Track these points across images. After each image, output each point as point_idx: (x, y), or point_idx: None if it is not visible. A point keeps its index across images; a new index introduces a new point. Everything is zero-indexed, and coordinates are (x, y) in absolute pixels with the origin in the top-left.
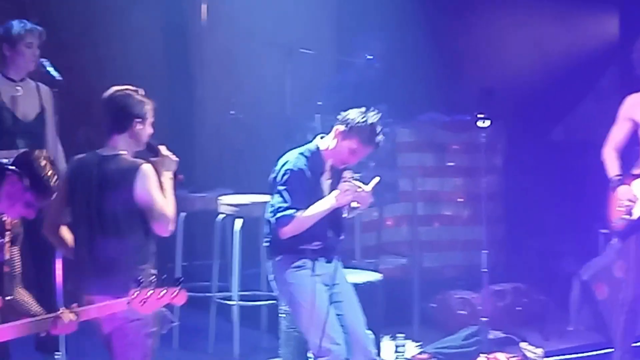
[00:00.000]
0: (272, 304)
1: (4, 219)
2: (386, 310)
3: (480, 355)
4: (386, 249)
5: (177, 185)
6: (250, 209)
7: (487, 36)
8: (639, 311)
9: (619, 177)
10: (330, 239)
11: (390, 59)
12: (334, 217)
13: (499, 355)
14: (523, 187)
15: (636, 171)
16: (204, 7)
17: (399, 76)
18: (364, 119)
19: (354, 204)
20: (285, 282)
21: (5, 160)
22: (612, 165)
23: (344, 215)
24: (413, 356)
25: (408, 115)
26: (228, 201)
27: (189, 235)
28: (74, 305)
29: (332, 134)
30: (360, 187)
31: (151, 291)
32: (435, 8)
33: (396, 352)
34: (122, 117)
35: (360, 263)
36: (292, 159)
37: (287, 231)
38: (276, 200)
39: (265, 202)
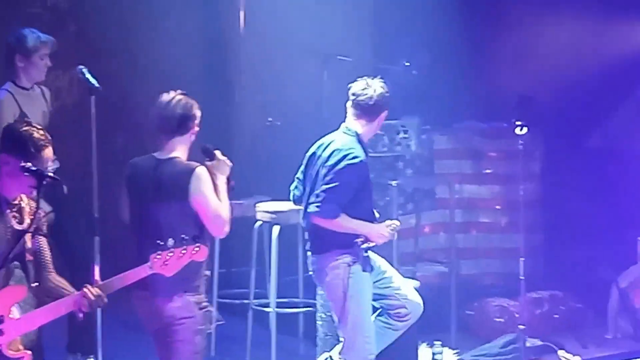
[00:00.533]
0: (309, 311)
1: (22, 205)
2: (423, 317)
3: None
4: (423, 256)
5: (228, 190)
6: (288, 216)
7: (525, 43)
8: None
9: None
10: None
11: (428, 66)
12: None
13: None
14: (560, 194)
15: None
16: (242, 14)
17: (436, 83)
18: (382, 87)
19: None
20: (338, 277)
21: None
22: None
23: None
24: None
25: (445, 122)
26: (265, 208)
27: (227, 242)
28: (97, 280)
29: (354, 117)
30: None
31: (171, 253)
32: (472, 14)
33: (433, 359)
34: (184, 120)
35: (397, 270)
36: (348, 147)
37: (331, 225)
38: (326, 192)
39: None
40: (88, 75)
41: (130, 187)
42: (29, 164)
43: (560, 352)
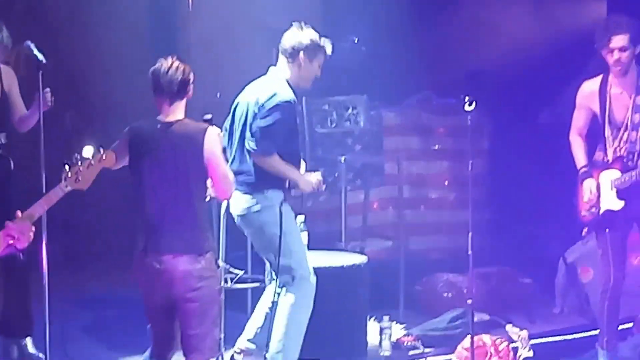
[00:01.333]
0: (257, 286)
1: None
2: (371, 293)
3: (466, 337)
4: (372, 231)
5: None
6: None
7: (474, 18)
8: (620, 296)
9: (584, 169)
10: None
11: (376, 42)
12: None
13: (485, 337)
14: (509, 171)
15: (598, 159)
16: None
17: (385, 59)
18: (315, 35)
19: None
20: (276, 215)
21: None
22: (578, 154)
23: None
24: (398, 338)
25: (394, 98)
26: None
27: None
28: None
29: (286, 61)
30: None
31: (80, 165)
32: None
33: (381, 334)
34: (183, 85)
35: (346, 246)
36: (279, 87)
37: (266, 163)
38: (262, 130)
39: None
40: (35, 51)
41: (137, 150)
42: None
43: (508, 327)
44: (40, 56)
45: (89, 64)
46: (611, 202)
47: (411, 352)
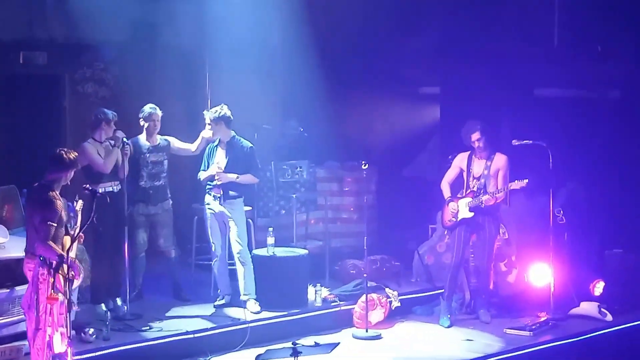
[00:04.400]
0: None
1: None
2: (310, 270)
3: (362, 295)
4: (310, 236)
5: None
6: None
7: (365, 115)
8: (458, 270)
9: (449, 198)
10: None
11: (312, 129)
12: None
13: (373, 295)
14: (387, 202)
15: (459, 195)
16: (209, 94)
17: (316, 139)
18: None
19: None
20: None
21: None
22: (446, 192)
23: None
24: (325, 296)
25: (321, 161)
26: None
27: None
28: None
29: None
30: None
31: None
32: (334, 101)
33: (316, 294)
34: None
35: (296, 244)
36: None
37: None
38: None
39: None
40: (124, 139)
41: None
42: None
43: (387, 289)
44: (126, 140)
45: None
46: (465, 213)
47: (333, 304)
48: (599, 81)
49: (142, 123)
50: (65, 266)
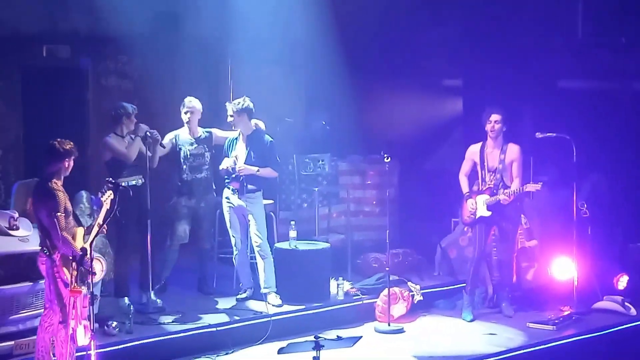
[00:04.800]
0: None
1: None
2: (332, 264)
3: (385, 289)
4: (333, 229)
5: None
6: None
7: (388, 108)
8: (480, 265)
9: (467, 194)
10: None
11: (335, 122)
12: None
13: (395, 289)
14: (410, 195)
15: (475, 189)
16: (231, 87)
17: (338, 132)
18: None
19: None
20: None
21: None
22: (464, 186)
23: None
24: (347, 290)
25: (344, 154)
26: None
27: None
28: None
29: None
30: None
31: None
32: (356, 93)
33: (338, 287)
34: None
35: (318, 238)
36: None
37: None
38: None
39: None
40: (148, 132)
41: None
42: None
43: (409, 283)
44: (149, 132)
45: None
46: (484, 212)
47: (355, 298)
48: (622, 73)
49: (182, 116)
50: (85, 258)
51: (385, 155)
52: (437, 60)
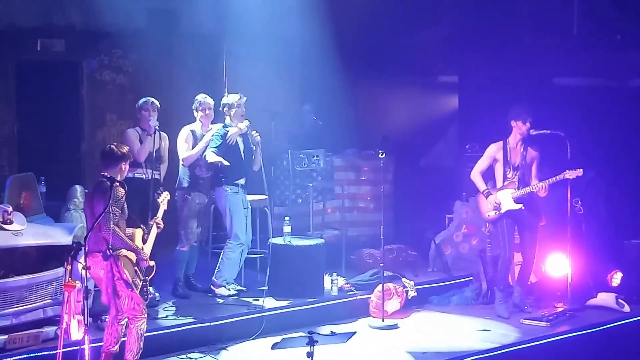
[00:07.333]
0: (261, 256)
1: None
2: (326, 259)
3: (379, 285)
4: (327, 225)
5: None
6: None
7: (383, 104)
8: (509, 261)
9: (487, 190)
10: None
11: (330, 118)
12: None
13: (390, 284)
14: (405, 190)
15: (499, 185)
16: (226, 83)
17: (333, 128)
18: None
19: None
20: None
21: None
22: (480, 184)
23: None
24: (341, 285)
25: (339, 150)
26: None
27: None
28: None
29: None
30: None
31: None
32: (351, 90)
33: (332, 283)
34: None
35: (312, 233)
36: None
37: None
38: None
39: None
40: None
41: None
42: None
43: (403, 279)
44: (157, 129)
45: None
46: (512, 205)
47: (349, 293)
48: (618, 70)
49: (195, 113)
50: (136, 257)
51: (380, 151)
52: (432, 57)
